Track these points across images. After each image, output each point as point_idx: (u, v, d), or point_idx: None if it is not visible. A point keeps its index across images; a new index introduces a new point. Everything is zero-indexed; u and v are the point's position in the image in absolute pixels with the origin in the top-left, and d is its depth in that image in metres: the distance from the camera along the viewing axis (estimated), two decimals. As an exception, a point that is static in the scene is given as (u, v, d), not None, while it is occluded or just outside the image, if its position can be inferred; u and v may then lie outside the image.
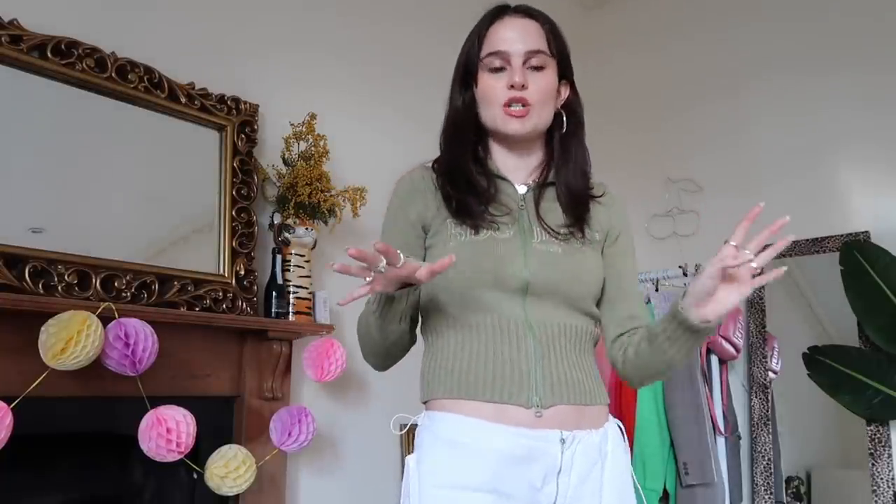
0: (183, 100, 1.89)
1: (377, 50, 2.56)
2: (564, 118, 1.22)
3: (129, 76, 1.78)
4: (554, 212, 1.20)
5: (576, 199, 1.21)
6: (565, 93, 1.24)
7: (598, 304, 1.23)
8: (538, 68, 1.17)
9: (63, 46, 1.67)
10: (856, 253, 2.60)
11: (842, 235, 2.76)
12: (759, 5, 3.16)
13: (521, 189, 1.22)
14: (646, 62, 3.49)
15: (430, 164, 1.24)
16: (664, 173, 3.29)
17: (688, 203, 3.21)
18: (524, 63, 1.16)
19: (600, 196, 1.27)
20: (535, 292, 1.13)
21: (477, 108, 1.20)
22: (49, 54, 1.64)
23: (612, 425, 1.19)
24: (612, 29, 3.64)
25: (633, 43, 3.55)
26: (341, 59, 2.43)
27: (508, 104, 1.15)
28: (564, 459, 1.09)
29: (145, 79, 1.81)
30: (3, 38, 1.57)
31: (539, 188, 1.21)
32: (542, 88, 1.17)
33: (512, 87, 1.15)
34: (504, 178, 1.21)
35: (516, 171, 1.23)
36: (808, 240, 2.85)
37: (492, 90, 1.16)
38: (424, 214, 1.20)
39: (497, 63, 1.16)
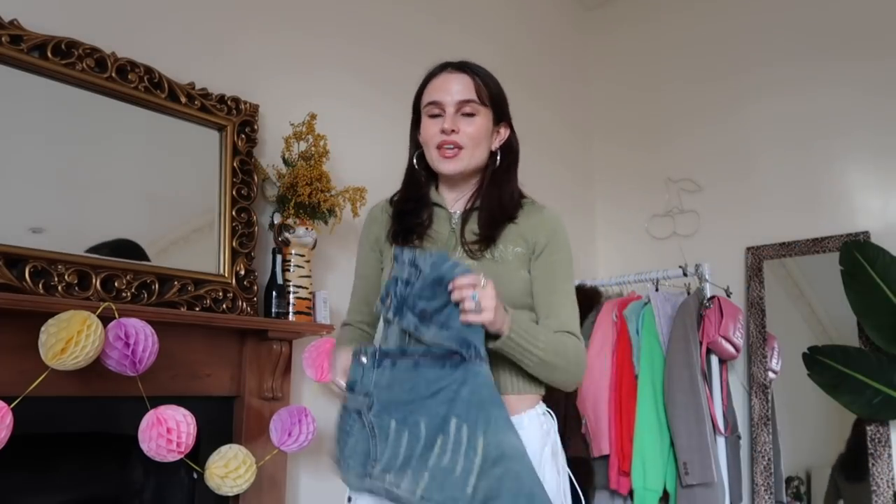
0: (183, 100, 1.89)
1: (378, 50, 2.56)
2: (499, 156, 1.41)
3: (129, 76, 1.78)
4: (475, 233, 1.37)
5: (488, 220, 1.37)
6: (504, 134, 1.43)
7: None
8: (469, 115, 1.36)
9: (63, 46, 1.67)
10: (856, 253, 2.61)
11: (842, 235, 2.76)
12: (760, 5, 3.16)
13: (456, 215, 1.41)
14: (647, 62, 3.49)
15: (390, 198, 1.47)
16: (664, 173, 3.29)
17: (688, 203, 3.21)
18: (457, 111, 1.36)
19: (515, 220, 1.39)
20: None
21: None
22: (49, 54, 1.64)
23: (533, 414, 1.32)
24: (613, 29, 3.65)
25: (634, 43, 3.56)
26: (342, 58, 2.43)
27: (440, 146, 1.35)
28: None
29: (145, 79, 1.81)
30: (3, 38, 1.57)
31: (467, 213, 1.40)
32: (473, 133, 1.36)
33: (443, 131, 1.35)
34: (442, 207, 1.42)
35: (453, 200, 1.43)
36: (808, 240, 2.85)
37: (427, 134, 1.38)
38: (378, 239, 1.45)
39: (435, 111, 1.37)
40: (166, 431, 1.55)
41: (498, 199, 1.39)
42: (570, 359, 1.30)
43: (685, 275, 2.71)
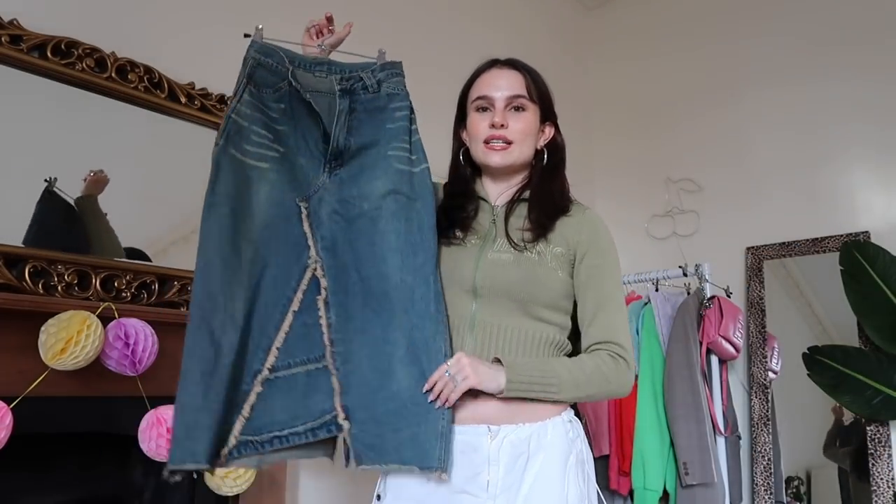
0: (183, 100, 1.89)
1: (378, 49, 2.56)
2: (546, 154, 1.41)
3: (129, 76, 1.78)
4: (520, 226, 1.35)
5: (542, 212, 1.36)
6: (549, 132, 1.43)
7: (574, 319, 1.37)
8: (518, 109, 1.37)
9: (63, 46, 1.67)
10: (856, 253, 2.61)
11: (842, 235, 2.76)
12: (759, 5, 3.16)
13: (497, 207, 1.41)
14: (647, 62, 3.49)
15: (444, 184, 1.47)
16: (664, 173, 3.29)
17: (688, 203, 3.21)
18: (506, 106, 1.36)
19: (568, 213, 1.38)
20: (484, 294, 1.30)
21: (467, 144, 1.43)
22: (49, 54, 1.64)
23: (558, 421, 1.28)
24: (613, 29, 3.65)
25: (634, 42, 3.56)
26: (341, 58, 2.43)
27: (488, 140, 1.35)
28: (492, 451, 1.24)
29: (145, 79, 1.81)
30: (3, 38, 1.57)
31: (511, 204, 1.39)
32: (521, 128, 1.36)
33: (492, 126, 1.35)
34: (485, 200, 1.42)
35: (496, 194, 1.42)
36: (808, 240, 2.85)
37: (475, 128, 1.38)
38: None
39: (483, 105, 1.38)
40: (166, 431, 1.55)
41: (549, 192, 1.39)
42: (596, 384, 1.27)
43: (685, 275, 2.70)
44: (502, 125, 1.34)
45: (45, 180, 1.62)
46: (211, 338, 1.21)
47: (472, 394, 1.25)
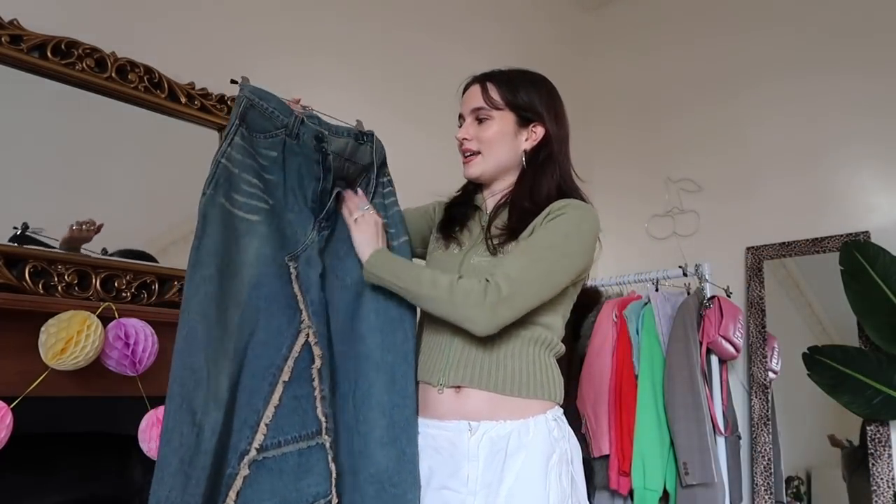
0: (183, 100, 1.89)
1: (378, 51, 2.56)
2: (525, 159, 1.43)
3: (129, 76, 1.78)
4: (501, 229, 1.39)
5: (514, 214, 1.38)
6: (540, 132, 1.43)
7: None
8: (482, 120, 1.42)
9: (63, 46, 1.67)
10: (856, 253, 2.61)
11: (842, 235, 2.76)
12: (759, 5, 3.16)
13: (486, 214, 1.46)
14: (645, 62, 3.49)
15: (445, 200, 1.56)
16: (664, 173, 3.29)
17: (688, 203, 3.21)
18: (473, 120, 1.43)
19: (543, 210, 1.36)
20: None
21: None
22: (49, 54, 1.64)
23: (541, 419, 1.28)
24: (612, 29, 3.65)
25: (633, 43, 3.56)
26: (342, 59, 2.43)
27: (462, 154, 1.45)
28: (471, 446, 1.26)
29: (145, 79, 1.81)
30: (3, 38, 1.57)
31: (496, 210, 1.44)
32: (485, 137, 1.41)
33: (459, 142, 1.45)
34: (479, 207, 1.48)
35: (491, 202, 1.47)
36: (808, 240, 2.85)
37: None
38: (432, 225, 1.55)
39: (459, 123, 1.48)
40: (166, 431, 1.55)
41: (528, 193, 1.39)
42: (433, 293, 1.24)
43: (685, 275, 2.70)
44: (464, 139, 1.42)
45: (14, 227, 1.54)
46: (192, 419, 1.07)
47: (455, 390, 1.29)
